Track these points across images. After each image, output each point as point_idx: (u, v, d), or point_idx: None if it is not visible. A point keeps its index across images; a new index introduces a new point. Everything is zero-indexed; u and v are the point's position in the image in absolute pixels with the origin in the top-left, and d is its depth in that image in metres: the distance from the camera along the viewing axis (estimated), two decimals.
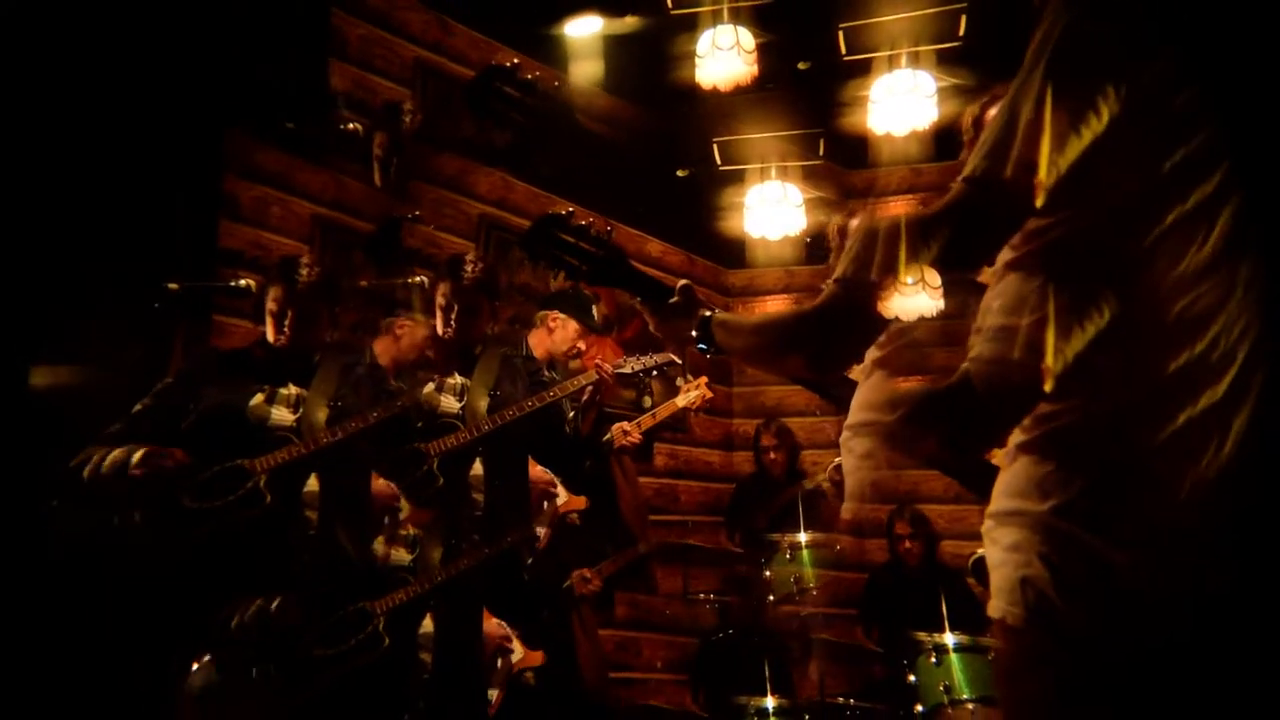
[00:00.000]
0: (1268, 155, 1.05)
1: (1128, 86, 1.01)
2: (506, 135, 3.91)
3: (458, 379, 2.73)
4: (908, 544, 3.77)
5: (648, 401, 3.69)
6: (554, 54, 4.12)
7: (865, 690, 3.37)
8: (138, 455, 2.04)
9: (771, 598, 3.50)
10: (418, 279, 2.81)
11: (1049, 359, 1.02)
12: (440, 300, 2.72)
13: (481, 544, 2.55)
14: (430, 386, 2.66)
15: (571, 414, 2.96)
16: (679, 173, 4.56)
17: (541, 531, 3.04)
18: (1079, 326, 1.01)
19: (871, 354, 1.26)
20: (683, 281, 1.51)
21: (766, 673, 3.19)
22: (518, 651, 2.83)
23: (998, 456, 1.14)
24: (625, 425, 3.23)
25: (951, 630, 2.90)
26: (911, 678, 2.92)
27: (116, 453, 2.07)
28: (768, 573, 3.53)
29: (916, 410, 1.14)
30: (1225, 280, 1.00)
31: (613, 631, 4.04)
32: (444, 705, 2.41)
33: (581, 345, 3.39)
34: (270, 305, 2.27)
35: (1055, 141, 1.03)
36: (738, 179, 4.27)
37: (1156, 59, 1.02)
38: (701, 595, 3.77)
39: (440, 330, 2.74)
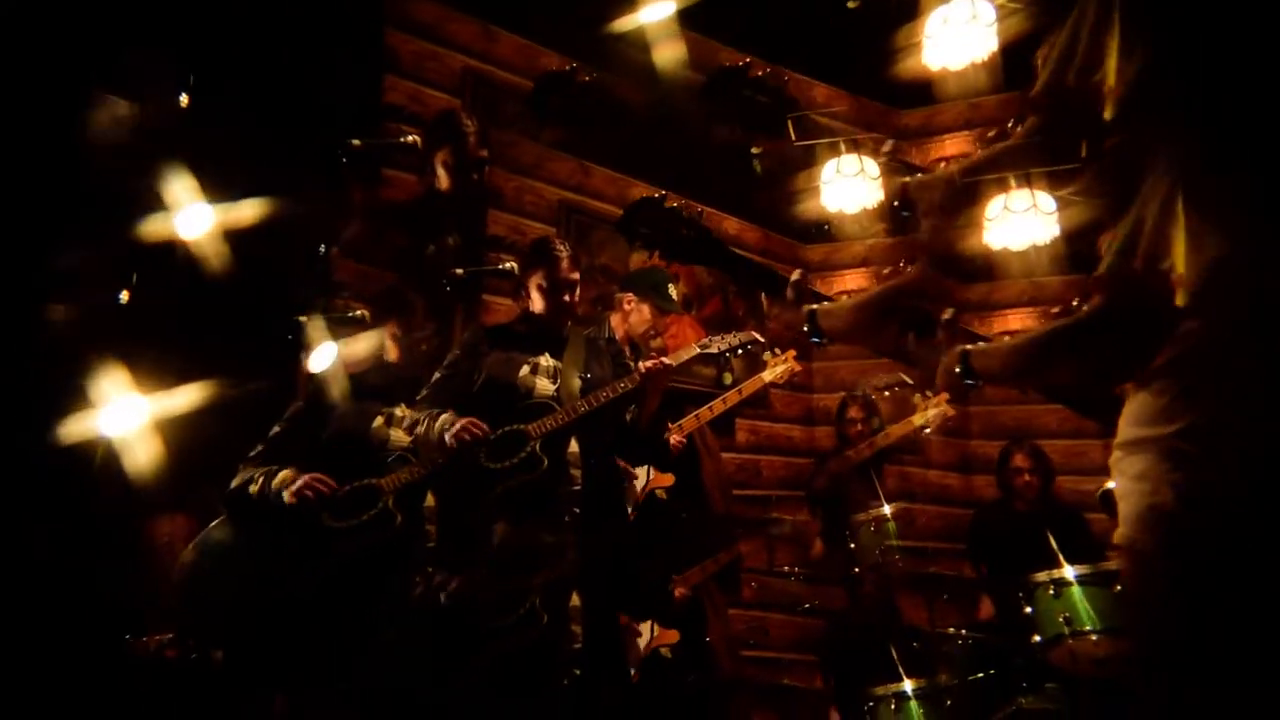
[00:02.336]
0: None
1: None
2: (560, 133, 4.03)
3: (550, 361, 2.83)
4: (1027, 478, 3.72)
5: (728, 378, 3.74)
6: (598, 55, 4.23)
7: (975, 623, 3.38)
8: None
9: (856, 569, 3.54)
10: (507, 265, 2.93)
11: (1168, 264, 1.03)
12: (540, 283, 2.83)
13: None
14: (525, 369, 2.77)
15: (631, 410, 3.00)
16: (753, 150, 4.61)
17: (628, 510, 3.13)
18: (1196, 243, 1.02)
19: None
20: (795, 275, 1.56)
21: (895, 655, 3.19)
22: (646, 634, 2.93)
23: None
24: (670, 424, 3.28)
25: (1070, 564, 2.89)
26: (1028, 609, 2.92)
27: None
28: (852, 545, 3.58)
29: (1054, 345, 1.11)
30: None
31: (740, 611, 4.09)
32: (594, 674, 2.57)
33: (659, 326, 3.46)
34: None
35: (1122, 53, 1.07)
36: (813, 154, 4.29)
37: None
38: (788, 569, 3.81)
39: (542, 311, 2.85)
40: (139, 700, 2.38)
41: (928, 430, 3.61)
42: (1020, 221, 2.34)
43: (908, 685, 3.12)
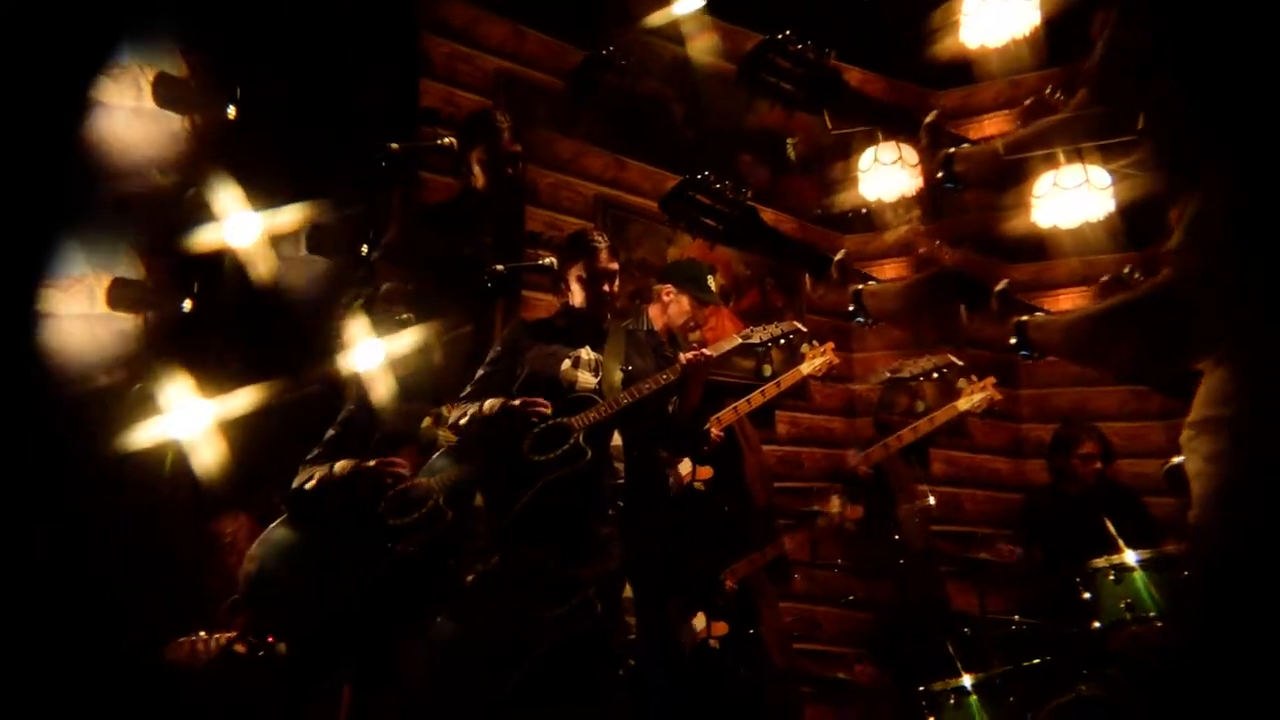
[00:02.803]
0: None
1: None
2: (594, 127, 4.04)
3: (591, 354, 2.83)
4: (1098, 465, 3.66)
5: (767, 370, 3.69)
6: (629, 50, 4.21)
7: (1026, 607, 3.31)
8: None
9: (902, 560, 3.49)
10: (547, 260, 2.94)
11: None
12: (580, 275, 2.84)
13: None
14: (567, 363, 2.78)
15: (673, 401, 2.99)
16: (789, 140, 4.59)
17: None
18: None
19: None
20: (840, 255, 1.55)
21: (950, 649, 3.13)
22: (699, 621, 2.92)
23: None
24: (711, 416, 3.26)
25: (1131, 548, 2.83)
26: (1086, 595, 2.86)
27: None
28: (897, 536, 3.55)
29: (1116, 320, 1.08)
30: None
31: (791, 604, 4.07)
32: (647, 665, 2.61)
33: (698, 318, 3.45)
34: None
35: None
36: (850, 143, 4.21)
37: None
38: (840, 563, 3.76)
39: (583, 304, 2.86)
40: (209, 694, 2.46)
41: (973, 415, 3.53)
42: (1071, 198, 2.28)
43: (966, 680, 3.07)
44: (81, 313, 2.76)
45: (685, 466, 3.27)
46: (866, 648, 3.82)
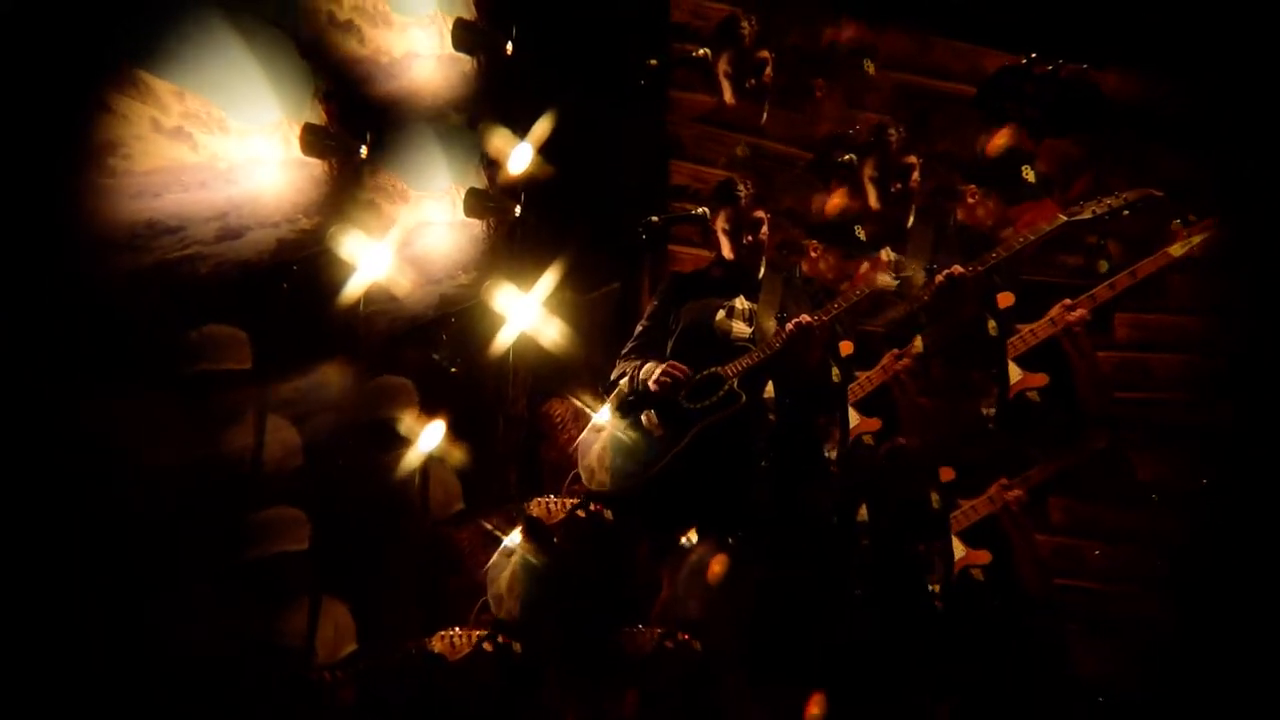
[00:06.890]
0: None
1: None
2: None
3: (746, 304, 2.87)
4: None
5: (1103, 266, 3.00)
6: None
7: None
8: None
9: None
10: (698, 210, 3.00)
11: None
12: (724, 226, 2.87)
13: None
14: (721, 314, 2.83)
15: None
16: None
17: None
18: None
19: None
20: None
21: None
22: (959, 549, 2.84)
23: None
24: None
25: None
26: None
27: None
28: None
29: None
30: None
31: (1048, 537, 3.69)
32: (884, 588, 2.70)
33: (848, 270, 3.32)
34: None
35: None
36: None
37: None
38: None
39: (730, 254, 2.89)
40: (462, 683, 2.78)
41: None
42: None
43: None
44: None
45: (854, 418, 3.13)
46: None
